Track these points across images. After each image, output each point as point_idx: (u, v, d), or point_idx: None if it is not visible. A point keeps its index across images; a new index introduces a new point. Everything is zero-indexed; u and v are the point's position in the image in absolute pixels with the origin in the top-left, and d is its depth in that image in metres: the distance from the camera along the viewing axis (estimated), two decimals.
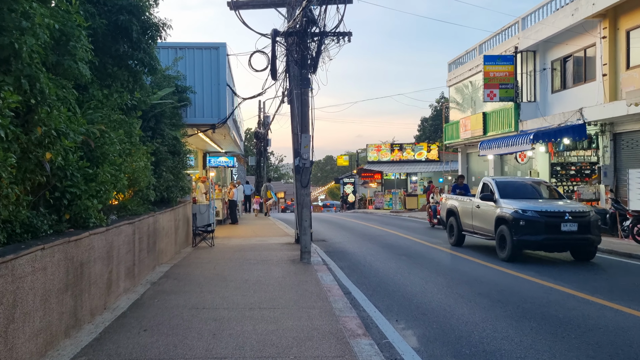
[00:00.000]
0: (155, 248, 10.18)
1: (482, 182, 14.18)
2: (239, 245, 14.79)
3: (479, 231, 13.89)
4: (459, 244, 15.13)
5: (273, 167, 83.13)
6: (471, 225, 14.23)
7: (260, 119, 33.64)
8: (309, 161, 11.62)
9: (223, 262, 11.34)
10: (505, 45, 24.85)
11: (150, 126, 11.38)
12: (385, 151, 41.56)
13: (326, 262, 12.22)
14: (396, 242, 16.67)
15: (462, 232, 14.95)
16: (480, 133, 26.61)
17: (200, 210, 16.72)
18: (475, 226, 14.01)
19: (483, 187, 13.98)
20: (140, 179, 9.28)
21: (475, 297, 8.55)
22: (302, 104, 11.83)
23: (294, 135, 14.97)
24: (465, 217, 14.65)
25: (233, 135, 19.01)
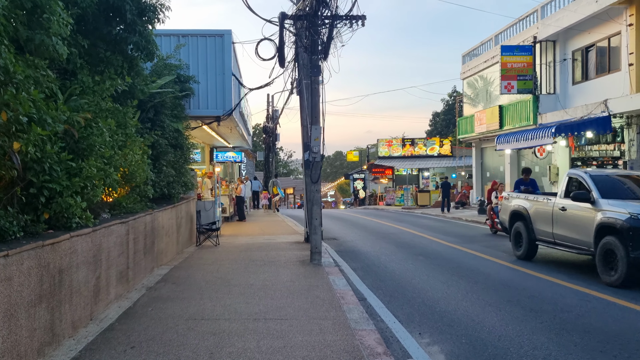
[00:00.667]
0: (153, 249, 9.40)
1: (568, 177, 10.96)
2: (246, 244, 14.00)
3: (564, 241, 10.55)
4: (529, 257, 11.68)
5: (282, 162, 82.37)
6: (551, 233, 10.82)
7: (269, 113, 32.79)
8: (319, 155, 10.80)
9: (227, 264, 10.55)
10: (523, 35, 23.83)
11: (149, 117, 10.60)
12: (396, 146, 40.61)
13: (338, 263, 11.41)
14: (411, 240, 15.82)
15: (536, 242, 11.51)
16: (496, 127, 25.65)
17: (205, 207, 15.95)
18: (558, 235, 10.58)
19: (569, 182, 10.76)
20: (136, 174, 8.51)
21: (504, 305, 7.69)
22: (311, 94, 11.00)
23: (303, 128, 14.14)
24: (540, 222, 11.25)
25: (240, 129, 18.21)
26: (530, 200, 11.98)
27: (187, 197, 13.40)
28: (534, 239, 11.50)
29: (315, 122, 10.88)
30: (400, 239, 16.30)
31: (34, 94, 4.83)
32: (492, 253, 12.80)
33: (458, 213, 27.43)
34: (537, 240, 11.48)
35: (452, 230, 19.09)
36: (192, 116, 13.75)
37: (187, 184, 12.69)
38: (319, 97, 10.93)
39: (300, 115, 14.31)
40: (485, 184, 30.59)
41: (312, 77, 10.97)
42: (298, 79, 13.99)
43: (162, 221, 10.08)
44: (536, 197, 11.94)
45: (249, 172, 50.28)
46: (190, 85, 13.14)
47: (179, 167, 12.01)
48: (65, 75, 7.44)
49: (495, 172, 29.33)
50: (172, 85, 11.70)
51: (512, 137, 21.46)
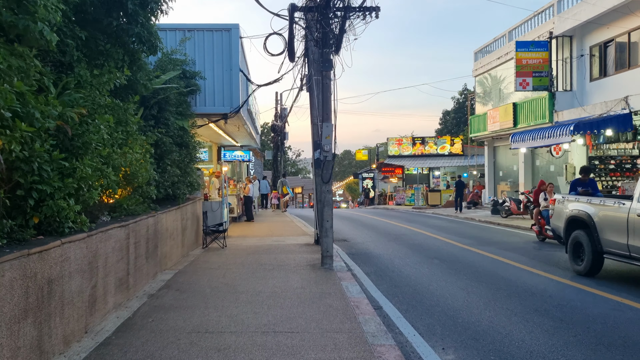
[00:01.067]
0: (156, 253, 8.93)
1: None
2: (254, 246, 13.51)
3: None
4: (593, 272, 9.76)
5: (290, 161, 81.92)
6: (625, 245, 8.89)
7: (277, 111, 32.28)
8: (330, 153, 10.29)
9: (234, 268, 10.06)
10: (539, 31, 23.19)
11: (152, 114, 10.13)
12: (406, 145, 39.98)
13: (350, 267, 10.89)
14: (425, 242, 15.26)
15: (604, 255, 9.57)
16: (510, 125, 25.02)
17: (212, 208, 15.48)
18: (636, 247, 8.63)
19: None
20: (138, 174, 8.03)
21: (531, 315, 7.14)
22: (322, 89, 10.48)
23: (313, 126, 13.63)
24: (610, 231, 9.29)
25: (248, 127, 17.73)
26: (595, 205, 9.87)
27: (193, 198, 12.93)
28: (601, 251, 9.54)
29: (327, 119, 10.36)
30: (413, 240, 15.75)
31: (17, 85, 4.34)
32: (511, 256, 12.23)
33: (470, 213, 26.83)
34: (604, 253, 9.52)
35: (466, 231, 18.51)
36: (198, 114, 13.28)
37: (193, 184, 12.22)
38: (330, 93, 10.41)
39: (310, 112, 13.80)
40: (497, 184, 29.99)
41: (323, 72, 10.45)
42: (308, 75, 13.48)
43: (166, 223, 9.60)
44: (603, 201, 9.86)
45: (257, 172, 49.84)
46: (196, 81, 12.65)
47: (185, 167, 11.53)
48: (61, 69, 6.97)
49: (509, 171, 28.70)
50: (177, 81, 11.23)
51: (528, 135, 20.84)
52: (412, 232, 18.44)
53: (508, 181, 28.76)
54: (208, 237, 13.31)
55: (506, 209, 22.83)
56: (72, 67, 7.01)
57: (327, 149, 10.17)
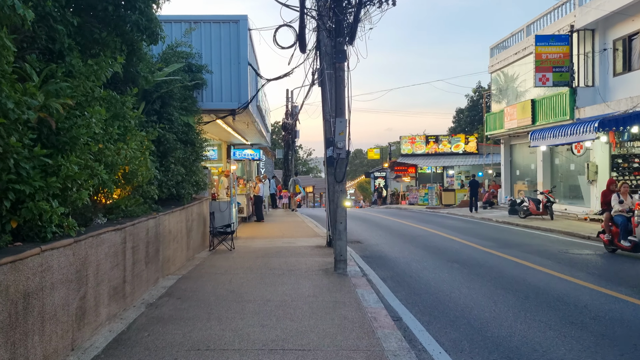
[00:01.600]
0: (158, 257, 8.32)
1: None
2: (263, 248, 12.90)
3: None
4: None
5: (301, 160, 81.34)
6: None
7: (288, 109, 31.63)
8: (344, 151, 9.63)
9: (242, 273, 9.43)
10: (559, 25, 22.37)
11: (154, 109, 9.53)
12: (419, 143, 39.17)
13: (365, 271, 10.23)
14: (442, 244, 14.55)
15: None
16: (528, 122, 24.21)
17: (219, 208, 14.88)
18: None
19: None
20: (137, 173, 7.44)
21: (567, 329, 6.44)
22: (335, 83, 9.82)
23: (325, 122, 13.00)
24: None
25: (258, 124, 17.11)
26: None
27: (199, 198, 12.34)
28: None
29: (340, 114, 9.70)
30: (429, 242, 15.05)
31: None
32: (535, 260, 11.50)
33: (486, 213, 26.04)
34: None
35: (484, 232, 17.76)
36: (205, 110, 12.67)
37: (199, 183, 11.62)
38: (344, 86, 9.74)
39: (322, 108, 13.17)
40: (514, 183, 29.17)
41: (336, 65, 9.79)
42: (320, 68, 12.85)
43: (168, 225, 9.00)
44: None
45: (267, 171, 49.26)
46: (202, 75, 12.05)
47: (190, 165, 10.93)
48: (51, 57, 6.37)
49: (526, 170, 27.86)
50: (181, 75, 10.63)
51: (549, 132, 20.03)
52: (427, 233, 17.73)
53: (525, 180, 27.91)
54: (215, 239, 12.72)
55: (525, 209, 22.04)
56: (63, 55, 6.41)
57: (341, 145, 9.52)
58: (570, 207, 22.52)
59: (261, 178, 22.90)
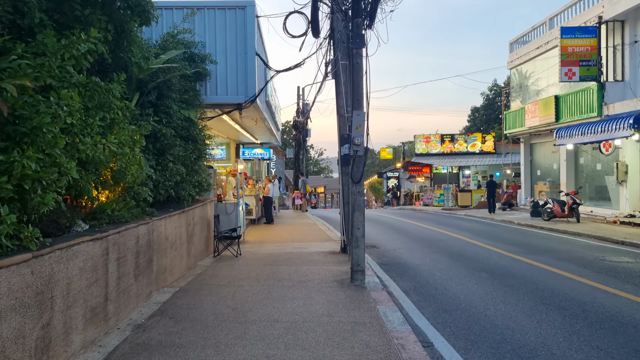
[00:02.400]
0: (151, 268, 7.32)
1: None
2: (272, 254, 11.88)
3: None
4: None
5: (312, 160, 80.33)
6: None
7: (299, 107, 30.60)
8: (362, 147, 8.57)
9: (247, 285, 8.41)
10: (585, 16, 21.14)
11: (150, 101, 8.54)
12: (434, 142, 37.96)
13: (384, 282, 9.17)
14: (465, 250, 13.45)
15: None
16: (551, 120, 23.01)
17: (226, 210, 13.89)
18: None
19: None
20: (126, 172, 6.45)
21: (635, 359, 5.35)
22: (353, 71, 8.76)
23: (339, 117, 11.97)
24: None
25: (267, 121, 16.09)
26: None
27: (203, 200, 11.35)
28: None
29: (357, 106, 8.64)
30: (450, 247, 13.95)
31: None
32: (572, 269, 10.37)
33: (506, 215, 24.85)
34: None
35: (508, 236, 16.62)
36: (209, 104, 11.66)
37: (202, 183, 10.62)
38: (361, 74, 8.68)
39: (336, 102, 12.14)
40: (535, 183, 27.97)
41: (353, 51, 8.73)
42: (333, 59, 11.82)
43: (165, 231, 8.00)
44: None
45: (278, 171, 48.30)
46: (205, 66, 11.05)
47: (191, 164, 9.93)
48: (20, 33, 5.40)
49: (548, 170, 26.64)
50: (181, 64, 9.62)
51: (576, 130, 18.84)
52: (447, 237, 16.62)
53: (547, 181, 26.70)
54: (221, 244, 11.72)
55: (548, 212, 20.85)
56: (34, 33, 5.43)
57: (358, 141, 8.46)
58: (597, 209, 21.30)
59: (270, 178, 21.89)
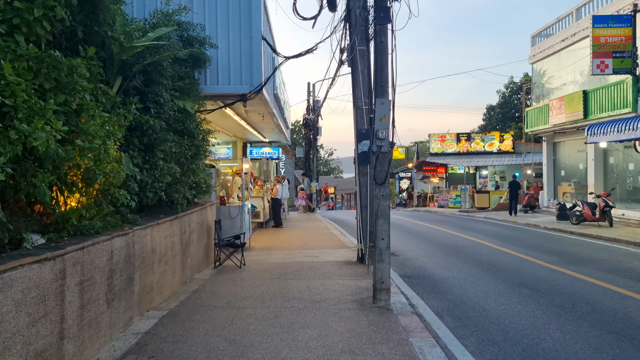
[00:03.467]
0: (131, 288, 5.99)
1: None
2: (280, 264, 10.54)
3: None
4: None
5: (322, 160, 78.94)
6: None
7: (309, 104, 29.19)
8: (387, 142, 7.19)
9: (250, 306, 7.06)
10: (618, 4, 19.61)
11: (136, 87, 7.21)
12: (450, 141, 36.42)
13: (412, 302, 7.80)
14: (494, 258, 12.03)
15: None
16: (579, 117, 21.50)
17: (230, 214, 12.57)
18: None
19: None
20: (96, 171, 5.14)
21: None
22: (376, 51, 7.35)
23: (356, 110, 10.61)
24: None
25: (275, 116, 14.75)
26: None
27: (202, 203, 10.04)
28: None
29: (382, 93, 7.26)
30: (478, 255, 12.54)
31: None
32: (624, 284, 8.95)
33: (529, 218, 23.35)
34: None
35: (538, 242, 15.17)
36: (210, 95, 10.34)
37: (200, 185, 9.30)
38: (387, 55, 7.29)
39: (353, 93, 10.78)
40: (558, 184, 26.47)
41: (377, 27, 7.33)
42: (350, 44, 10.47)
43: (151, 242, 6.68)
44: None
45: (287, 171, 46.97)
46: (205, 51, 9.72)
47: (187, 162, 8.62)
48: None
49: (573, 170, 25.10)
50: (175, 46, 8.30)
51: (611, 126, 17.33)
52: (471, 242, 15.20)
53: (572, 182, 25.20)
54: (223, 253, 10.39)
55: (577, 215, 19.36)
56: None
57: (382, 135, 7.08)
58: (629, 213, 19.76)
59: (279, 178, 20.53)
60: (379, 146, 7.12)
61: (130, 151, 6.82)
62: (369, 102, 10.49)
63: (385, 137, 7.09)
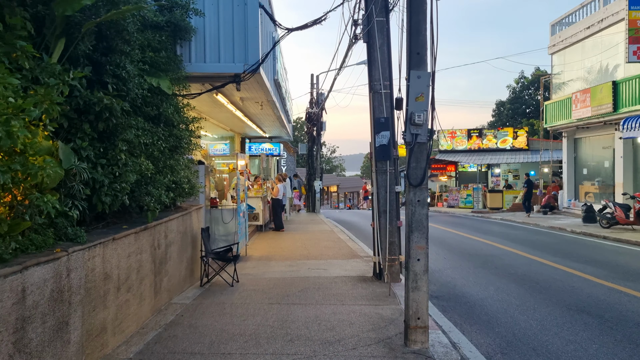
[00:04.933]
0: (64, 337, 4.14)
1: None
2: (281, 281, 8.71)
3: None
4: None
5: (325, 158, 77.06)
6: None
7: (313, 97, 27.19)
8: (425, 130, 5.32)
9: (238, 353, 5.21)
10: None
11: (87, 54, 5.36)
12: (460, 138, 34.47)
13: (451, 338, 5.96)
14: (532, 271, 10.20)
15: None
16: (607, 110, 19.65)
17: (223, 219, 10.74)
18: None
19: None
20: (5, 167, 3.31)
21: None
22: (410, 5, 5.46)
23: (373, 95, 8.75)
24: None
25: (276, 106, 12.90)
26: None
27: (186, 207, 8.21)
28: None
29: (418, 63, 5.37)
30: (512, 267, 10.70)
31: None
32: None
33: (551, 220, 21.49)
34: None
35: (573, 250, 13.35)
36: (195, 75, 8.49)
37: (182, 185, 7.46)
38: (424, 11, 5.42)
39: (369, 74, 8.93)
40: (579, 183, 24.60)
41: None
42: (366, 14, 8.63)
43: (103, 266, 4.84)
44: None
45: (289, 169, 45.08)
46: (188, 20, 7.88)
47: (163, 157, 6.78)
48: None
49: (597, 168, 23.21)
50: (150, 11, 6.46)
51: None
52: (497, 250, 13.35)
53: (595, 181, 23.31)
54: (212, 266, 8.55)
55: (608, 217, 17.50)
56: None
57: (420, 120, 5.22)
58: None
59: (280, 177, 18.65)
60: (415, 134, 5.26)
61: (79, 140, 4.99)
62: (389, 85, 8.66)
63: (423, 122, 5.24)
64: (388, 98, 8.57)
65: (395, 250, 8.67)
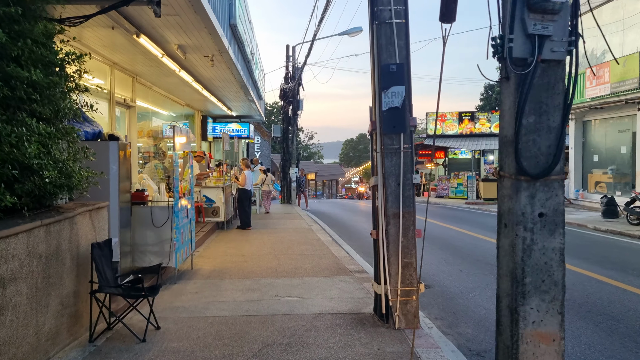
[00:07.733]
0: None
1: None
2: (228, 327, 5.44)
3: None
4: None
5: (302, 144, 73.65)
6: None
7: (288, 71, 23.56)
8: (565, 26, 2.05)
9: None
10: None
11: None
12: (451, 122, 31.37)
13: None
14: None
15: None
16: (633, 85, 16.76)
17: (153, 221, 7.40)
18: None
19: None
20: None
21: None
22: None
23: (378, 27, 5.50)
24: None
25: (235, 65, 9.53)
26: None
27: (69, 208, 4.86)
28: None
29: None
30: (571, 290, 7.59)
31: None
32: None
33: None
34: None
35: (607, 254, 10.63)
36: None
37: (38, 170, 4.10)
38: None
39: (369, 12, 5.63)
40: (589, 172, 21.76)
41: None
42: None
43: None
44: None
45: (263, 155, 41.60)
46: None
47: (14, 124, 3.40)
48: None
49: (611, 155, 20.31)
50: None
51: None
52: None
53: (608, 169, 20.44)
54: (113, 304, 5.23)
55: (637, 212, 14.68)
56: None
57: None
58: None
59: (247, 162, 15.24)
60: (539, 38, 1.98)
61: None
62: (404, 10, 5.37)
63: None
64: (402, 31, 5.30)
65: (411, 275, 5.46)
